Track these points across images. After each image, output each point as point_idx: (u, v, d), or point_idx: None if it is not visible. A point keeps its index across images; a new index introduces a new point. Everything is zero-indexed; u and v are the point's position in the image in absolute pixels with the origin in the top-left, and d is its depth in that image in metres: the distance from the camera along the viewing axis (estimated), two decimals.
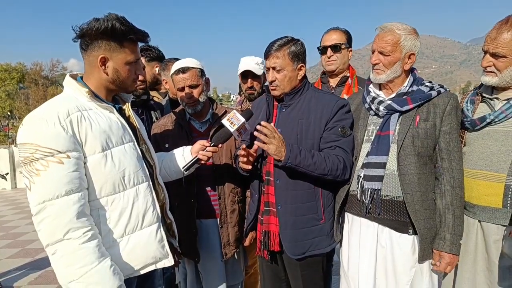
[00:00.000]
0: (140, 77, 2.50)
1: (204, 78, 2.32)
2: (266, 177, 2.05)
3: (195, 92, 2.25)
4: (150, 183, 1.68)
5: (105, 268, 1.41)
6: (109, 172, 1.51)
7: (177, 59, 2.79)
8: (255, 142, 1.87)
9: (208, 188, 2.34)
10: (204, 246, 2.34)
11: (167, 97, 3.03)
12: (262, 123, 1.81)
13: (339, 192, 2.06)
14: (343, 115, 2.00)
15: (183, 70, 2.22)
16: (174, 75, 2.26)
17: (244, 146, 1.91)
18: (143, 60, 3.12)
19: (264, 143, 1.81)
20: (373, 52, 1.93)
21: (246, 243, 2.38)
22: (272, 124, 2.07)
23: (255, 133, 1.83)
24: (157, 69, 3.01)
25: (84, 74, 1.61)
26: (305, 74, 2.05)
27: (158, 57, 3.09)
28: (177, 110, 2.44)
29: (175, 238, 1.90)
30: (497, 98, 1.88)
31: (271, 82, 2.01)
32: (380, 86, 2.02)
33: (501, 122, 1.84)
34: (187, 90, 2.23)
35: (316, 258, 2.05)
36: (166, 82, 2.90)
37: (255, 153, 1.97)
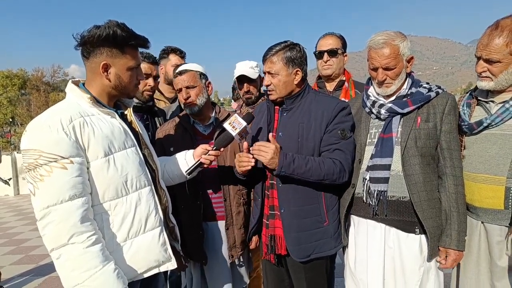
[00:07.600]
0: (150, 83, 2.56)
1: (204, 82, 2.34)
2: (270, 181, 2.06)
3: (192, 93, 2.28)
4: (153, 187, 1.69)
5: (109, 271, 1.43)
6: (111, 177, 1.52)
7: (175, 49, 3.18)
8: (251, 152, 1.93)
9: (214, 190, 2.35)
10: (210, 248, 2.34)
11: (176, 102, 3.05)
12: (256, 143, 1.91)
13: (344, 196, 2.06)
14: (343, 117, 2.00)
15: (181, 72, 2.30)
16: (174, 78, 2.33)
17: (246, 145, 1.97)
18: (176, 57, 3.29)
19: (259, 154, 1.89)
20: (375, 69, 1.92)
21: (252, 245, 2.39)
22: (273, 128, 2.09)
23: (251, 149, 1.91)
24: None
25: (86, 80, 1.63)
26: (304, 78, 2.04)
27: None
28: (181, 114, 2.48)
29: (177, 242, 1.90)
30: (492, 101, 1.89)
31: (267, 86, 2.04)
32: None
33: (498, 125, 1.84)
34: (184, 91, 2.28)
35: (320, 261, 2.05)
36: (161, 68, 3.18)
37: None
